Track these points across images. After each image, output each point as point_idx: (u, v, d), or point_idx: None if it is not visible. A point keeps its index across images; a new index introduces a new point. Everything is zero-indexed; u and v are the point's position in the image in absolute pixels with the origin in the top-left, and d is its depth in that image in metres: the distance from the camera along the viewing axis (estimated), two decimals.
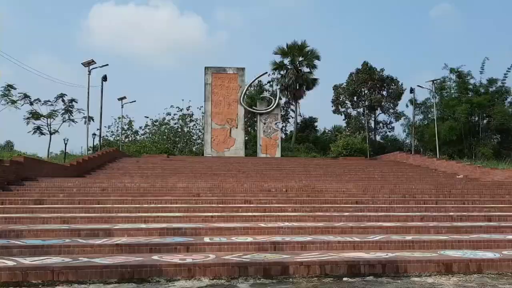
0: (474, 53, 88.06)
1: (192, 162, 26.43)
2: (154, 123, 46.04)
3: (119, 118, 45.17)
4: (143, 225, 8.92)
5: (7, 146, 50.89)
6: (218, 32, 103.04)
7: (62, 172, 18.81)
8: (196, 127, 46.00)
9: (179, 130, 45.63)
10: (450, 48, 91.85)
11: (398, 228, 9.10)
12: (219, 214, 10.18)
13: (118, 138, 43.54)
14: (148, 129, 46.24)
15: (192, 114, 46.22)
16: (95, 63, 27.67)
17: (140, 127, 46.51)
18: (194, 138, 46.09)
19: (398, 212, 11.34)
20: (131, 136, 46.27)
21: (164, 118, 45.97)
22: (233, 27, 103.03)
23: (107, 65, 27.97)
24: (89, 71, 27.47)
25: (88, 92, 27.48)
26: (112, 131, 45.22)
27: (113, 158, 26.41)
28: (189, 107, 45.86)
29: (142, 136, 46.10)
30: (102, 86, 30.00)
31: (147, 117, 46.20)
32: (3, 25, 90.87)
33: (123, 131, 45.51)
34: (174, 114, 45.85)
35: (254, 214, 10.27)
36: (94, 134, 31.38)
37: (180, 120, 45.87)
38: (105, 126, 45.25)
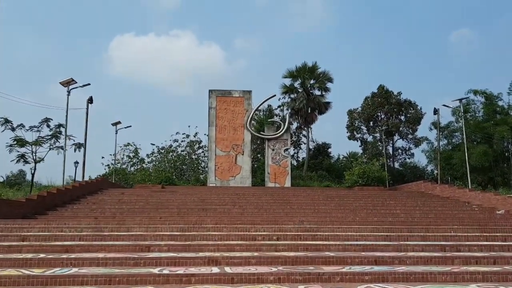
0: (496, 78, 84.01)
1: (184, 194, 22.95)
2: (160, 150, 43.71)
3: (125, 145, 42.98)
4: None
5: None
6: (235, 60, 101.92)
7: (13, 210, 15.35)
8: (204, 154, 43.36)
9: (187, 157, 43.04)
10: (471, 73, 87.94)
11: None
12: None
13: (124, 166, 40.76)
14: (155, 156, 43.95)
15: (201, 141, 44.06)
16: (76, 82, 24.61)
17: (147, 155, 44.48)
18: (202, 165, 43.13)
19: (441, 282, 7.33)
20: (137, 164, 43.42)
21: (171, 145, 43.88)
22: (250, 54, 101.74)
23: (89, 84, 24.89)
24: (69, 91, 24.37)
25: (67, 115, 24.42)
26: (117, 159, 42.64)
27: (97, 190, 23.17)
28: (196, 133, 43.92)
29: (149, 164, 43.69)
30: (87, 109, 26.88)
31: (153, 144, 44.26)
32: (22, 55, 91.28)
33: (129, 159, 42.89)
34: (182, 141, 43.94)
35: None
36: (76, 162, 28.04)
37: (188, 147, 43.71)
38: (110, 154, 42.76)
